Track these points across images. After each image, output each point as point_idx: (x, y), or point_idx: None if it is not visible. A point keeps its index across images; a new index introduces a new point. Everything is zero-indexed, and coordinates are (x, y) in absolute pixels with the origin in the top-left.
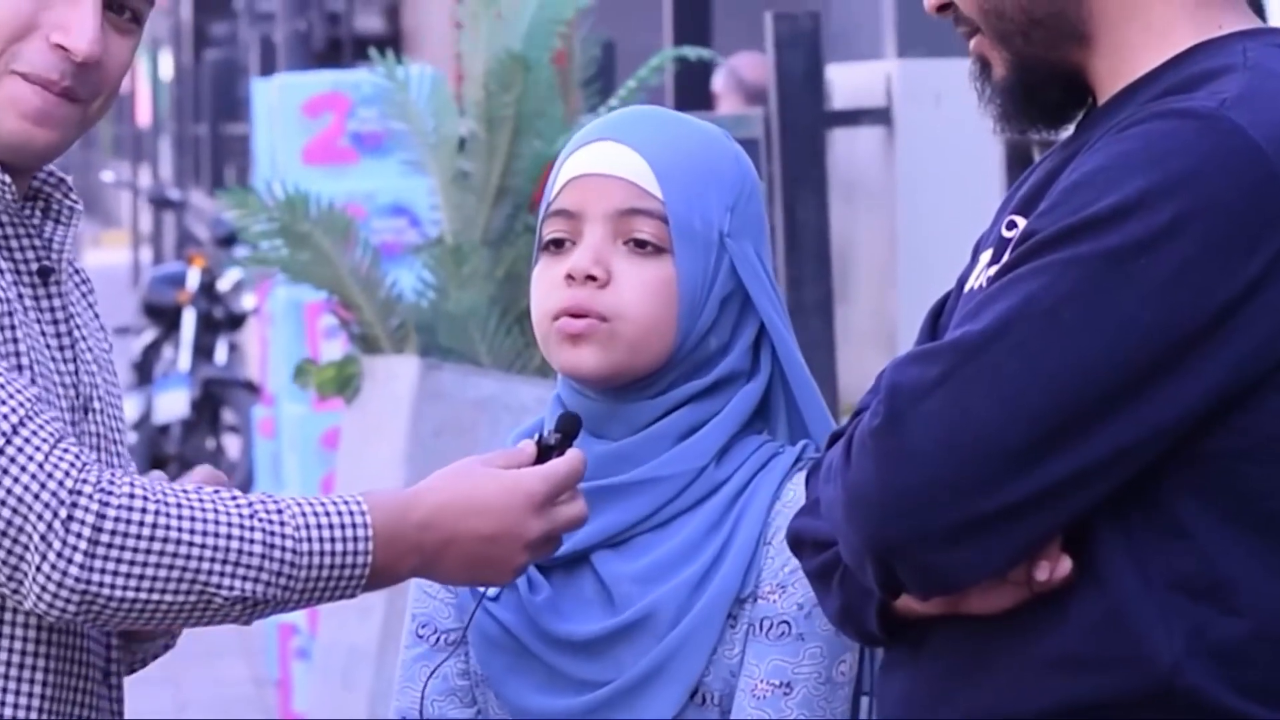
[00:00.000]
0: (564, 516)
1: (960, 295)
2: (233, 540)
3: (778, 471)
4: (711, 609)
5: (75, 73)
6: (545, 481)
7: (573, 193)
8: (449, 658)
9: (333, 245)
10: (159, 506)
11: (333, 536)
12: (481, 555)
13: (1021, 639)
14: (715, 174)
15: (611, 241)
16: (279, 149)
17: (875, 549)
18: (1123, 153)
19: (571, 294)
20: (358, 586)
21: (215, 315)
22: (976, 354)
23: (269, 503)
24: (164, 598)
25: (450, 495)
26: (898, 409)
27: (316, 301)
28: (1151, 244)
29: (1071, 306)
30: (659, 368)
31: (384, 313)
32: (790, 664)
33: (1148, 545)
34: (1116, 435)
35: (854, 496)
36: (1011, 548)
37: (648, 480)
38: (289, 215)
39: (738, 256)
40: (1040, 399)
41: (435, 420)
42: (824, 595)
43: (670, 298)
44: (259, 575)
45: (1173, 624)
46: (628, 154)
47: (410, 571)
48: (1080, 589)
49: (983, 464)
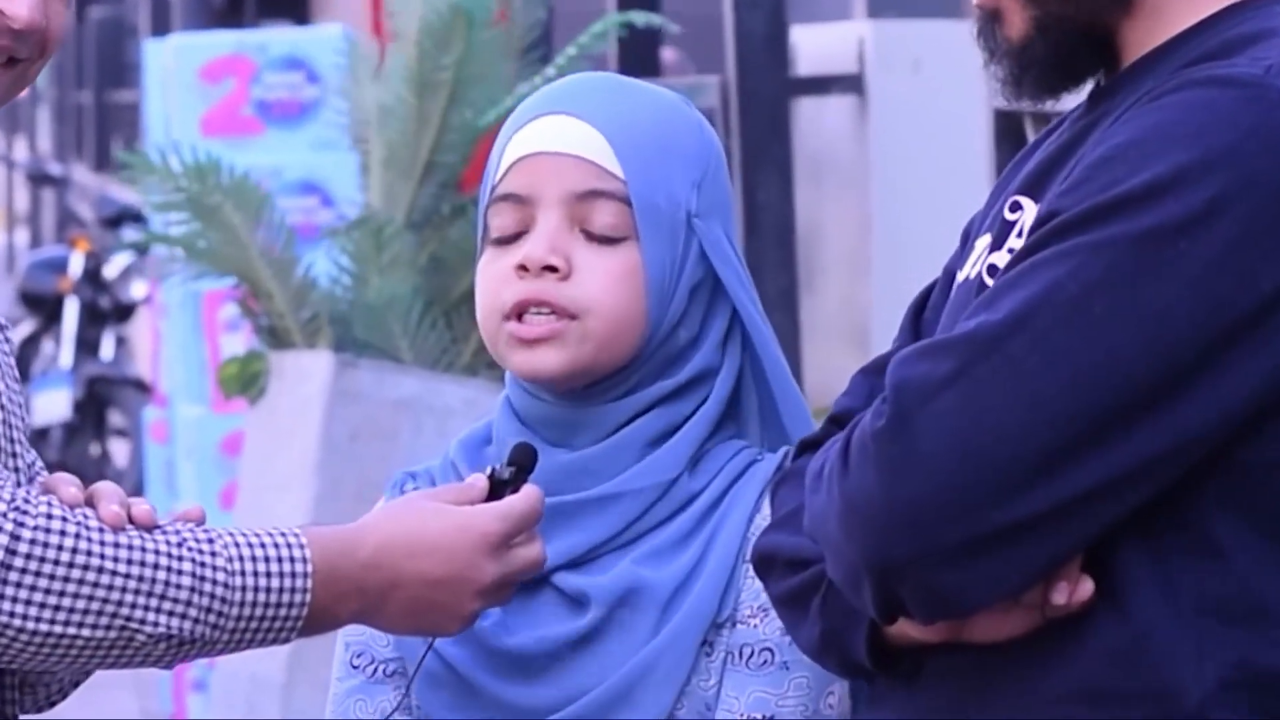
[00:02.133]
0: (520, 560)
1: (950, 287)
2: (159, 570)
3: (756, 481)
4: (682, 633)
5: (15, 36)
6: (501, 520)
7: (522, 174)
8: (401, 700)
9: (244, 222)
10: (79, 530)
11: (269, 571)
12: (429, 600)
13: (1032, 670)
14: (679, 147)
15: (568, 228)
16: (174, 119)
17: (876, 567)
18: (1157, 124)
19: (527, 286)
20: (293, 630)
21: (101, 305)
22: (993, 348)
23: (199, 532)
24: (81, 632)
25: (396, 532)
26: (904, 409)
27: (217, 290)
28: (1189, 226)
29: (1100, 295)
30: (624, 365)
31: (295, 301)
32: (773, 696)
33: (1177, 566)
34: (1149, 441)
35: (853, 507)
36: (1029, 567)
37: (615, 495)
38: (197, 184)
39: (707, 239)
40: (1064, 399)
41: (351, 423)
42: (797, 622)
43: (637, 288)
44: (186, 610)
45: (1203, 654)
46: (582, 129)
47: (352, 615)
48: (1099, 614)
49: (999, 472)
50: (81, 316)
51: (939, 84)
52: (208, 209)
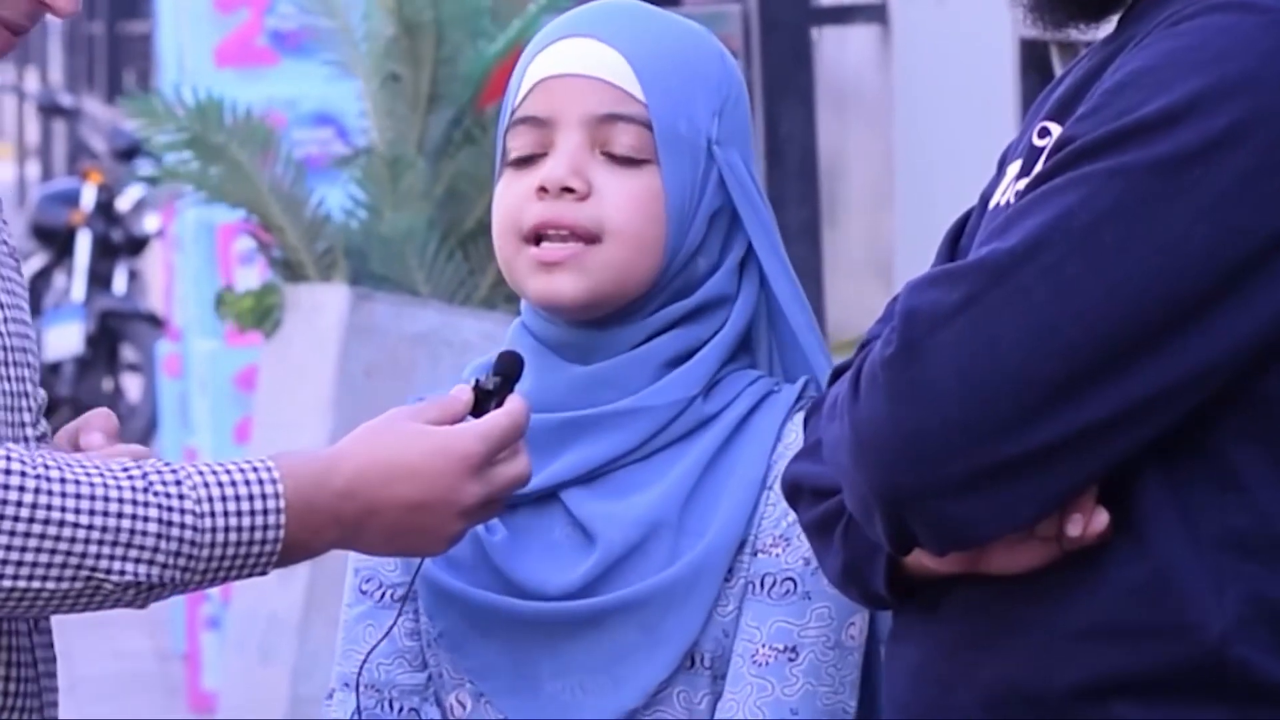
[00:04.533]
0: (504, 478)
1: (984, 212)
2: (124, 519)
3: (778, 409)
4: (710, 559)
5: (36, 18)
6: (481, 440)
7: (542, 96)
8: (398, 616)
9: (251, 158)
10: (38, 484)
11: (239, 510)
12: (409, 524)
13: (1050, 604)
14: (701, 75)
15: (588, 150)
16: (187, 49)
17: (885, 496)
18: (1174, 50)
19: (546, 207)
20: (268, 564)
21: (113, 238)
22: (1004, 276)
23: (165, 473)
24: (45, 585)
25: (373, 458)
26: (913, 337)
27: (231, 223)
28: (1205, 153)
29: (1113, 224)
30: (643, 294)
31: (309, 235)
32: (795, 626)
33: (1197, 498)
34: (1161, 371)
35: (862, 436)
36: (1040, 498)
37: (631, 410)
38: (200, 124)
39: (726, 167)
40: (1075, 328)
41: (366, 358)
42: (824, 551)
43: (657, 212)
44: (154, 557)
45: (1224, 588)
46: (605, 51)
47: (328, 544)
48: (1119, 548)
49: (1009, 401)
50: (94, 250)
51: (964, 13)
52: (213, 148)
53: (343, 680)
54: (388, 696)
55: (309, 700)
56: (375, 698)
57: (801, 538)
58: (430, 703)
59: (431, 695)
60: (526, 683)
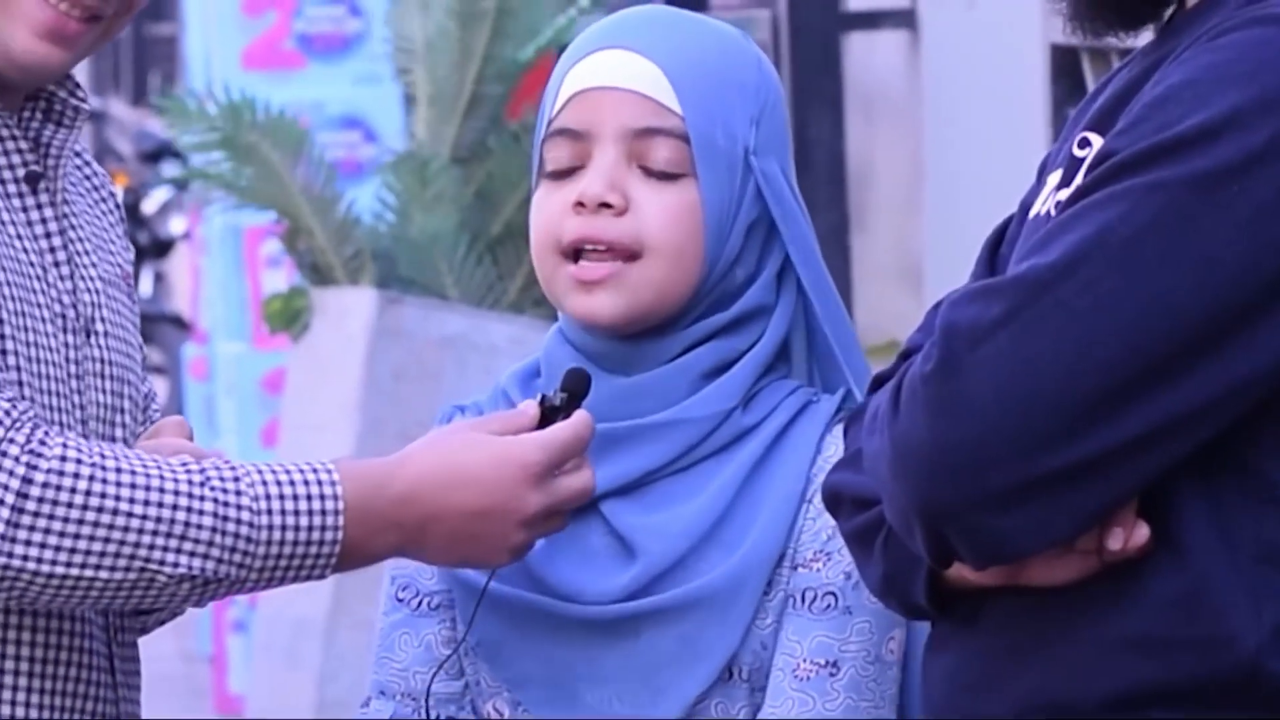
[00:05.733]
0: (567, 489)
1: (1024, 221)
2: (179, 511)
3: (817, 421)
4: (749, 572)
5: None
6: (544, 450)
7: (579, 109)
8: None
9: (282, 160)
10: (94, 471)
11: (297, 509)
12: (471, 532)
13: (1088, 616)
14: (737, 83)
15: (625, 164)
16: (214, 52)
17: (925, 511)
18: (1213, 64)
19: (584, 222)
20: (326, 567)
21: (139, 241)
22: (1044, 291)
23: (224, 469)
24: (99, 574)
25: (433, 464)
26: (954, 352)
27: (258, 226)
28: (1245, 169)
29: (1152, 239)
30: (681, 307)
31: (338, 238)
32: (837, 641)
33: (1236, 513)
34: (1199, 386)
35: (902, 450)
36: (1080, 512)
37: (670, 423)
38: (232, 124)
39: (764, 177)
40: (1115, 344)
41: (394, 361)
42: (864, 562)
43: (695, 226)
44: (209, 551)
45: (1261, 601)
46: (640, 63)
47: (388, 550)
48: (1156, 561)
49: (1049, 416)
50: None
51: (994, 19)
52: (244, 148)
53: (379, 688)
54: (424, 705)
55: (335, 703)
56: (411, 706)
57: (843, 552)
58: (466, 711)
59: (468, 704)
60: (564, 692)
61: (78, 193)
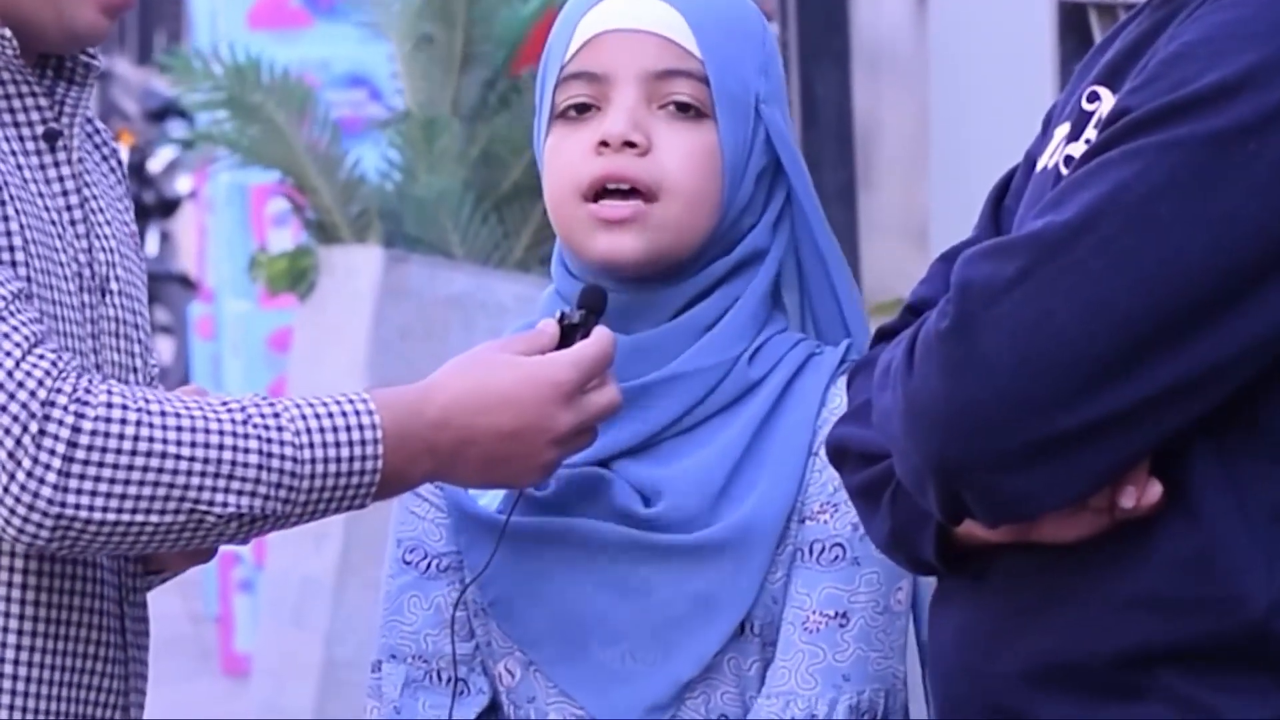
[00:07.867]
0: (596, 405)
1: (1030, 174)
2: (225, 451)
3: (821, 373)
4: (761, 526)
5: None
6: (573, 368)
7: (597, 52)
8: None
9: (287, 119)
10: (140, 416)
11: (337, 440)
12: (504, 453)
13: (1098, 573)
14: (748, 33)
15: (646, 105)
16: (220, 10)
17: (938, 469)
18: (1229, 21)
19: (608, 161)
20: (367, 495)
21: (145, 200)
22: (1059, 250)
23: (264, 405)
24: (149, 519)
25: (465, 388)
26: (968, 310)
27: (264, 184)
28: (1261, 127)
29: (1168, 197)
30: (693, 253)
31: (344, 197)
32: (845, 592)
33: (1248, 472)
34: (1216, 345)
35: (916, 408)
36: (1093, 471)
37: (675, 376)
38: (237, 84)
39: (772, 124)
40: (1130, 302)
41: (400, 320)
42: (870, 516)
43: (715, 169)
44: (255, 489)
45: (1274, 562)
46: (660, 7)
47: (424, 475)
48: (1168, 520)
49: (1063, 375)
50: None
51: None
52: (249, 107)
53: (389, 652)
54: (435, 667)
55: (343, 663)
56: (423, 668)
57: (849, 503)
58: (478, 672)
59: (479, 665)
60: (576, 650)
61: (84, 150)
